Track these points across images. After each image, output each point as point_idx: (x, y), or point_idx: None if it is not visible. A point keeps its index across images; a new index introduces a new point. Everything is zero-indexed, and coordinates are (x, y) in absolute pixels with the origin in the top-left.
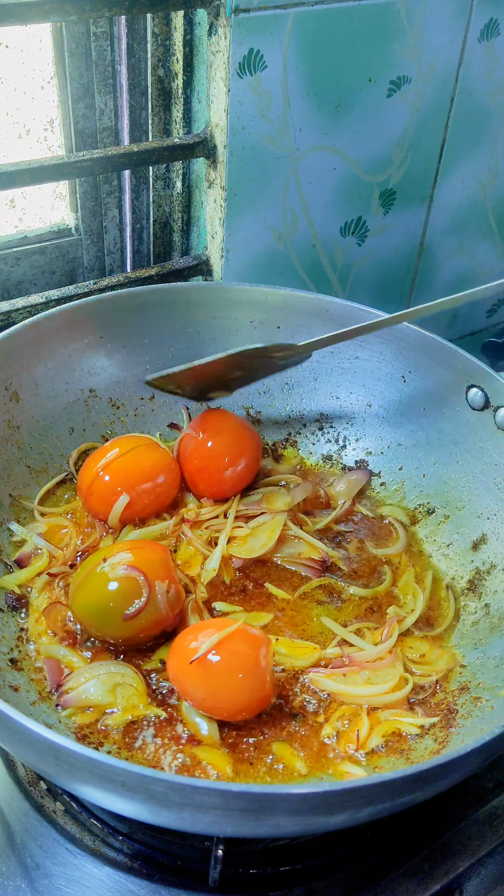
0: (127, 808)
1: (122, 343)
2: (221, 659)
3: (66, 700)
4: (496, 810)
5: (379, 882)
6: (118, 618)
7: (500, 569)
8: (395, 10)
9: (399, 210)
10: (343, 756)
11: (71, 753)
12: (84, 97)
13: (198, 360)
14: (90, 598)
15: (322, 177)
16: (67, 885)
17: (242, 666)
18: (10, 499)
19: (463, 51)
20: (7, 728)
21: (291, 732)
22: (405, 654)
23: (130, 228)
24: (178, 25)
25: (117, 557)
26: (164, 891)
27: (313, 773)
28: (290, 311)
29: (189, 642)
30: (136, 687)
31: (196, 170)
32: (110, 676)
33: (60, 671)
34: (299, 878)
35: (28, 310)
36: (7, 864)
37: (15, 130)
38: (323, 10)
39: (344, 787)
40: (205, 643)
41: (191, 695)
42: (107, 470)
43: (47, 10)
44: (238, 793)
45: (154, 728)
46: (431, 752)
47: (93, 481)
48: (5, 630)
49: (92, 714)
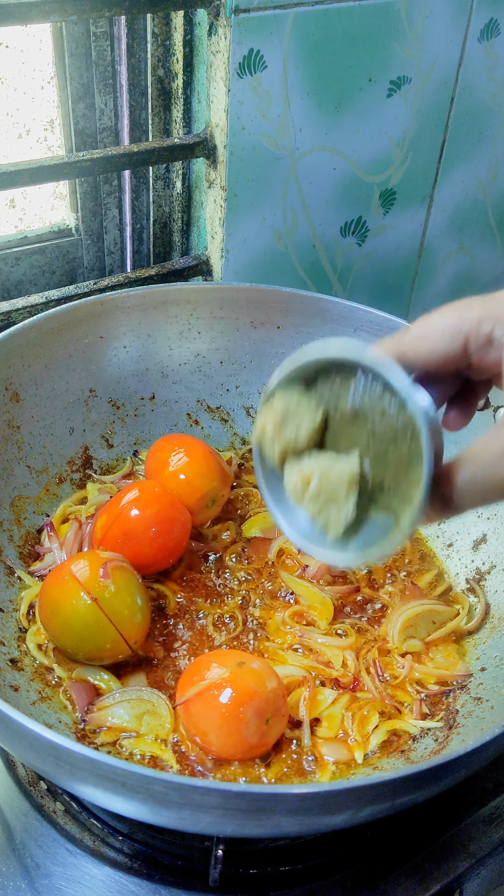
0: (127, 808)
1: (122, 343)
2: (203, 706)
3: (91, 718)
4: (496, 810)
5: (379, 882)
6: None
7: (500, 569)
8: (395, 10)
9: (399, 210)
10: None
11: (71, 753)
12: (84, 97)
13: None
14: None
15: (322, 177)
16: (67, 885)
17: (222, 716)
18: (10, 499)
19: (463, 51)
20: (7, 728)
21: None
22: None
23: (130, 228)
24: (178, 25)
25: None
26: (164, 891)
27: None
28: (290, 311)
29: (193, 675)
30: (163, 717)
31: (196, 170)
32: (141, 703)
33: (89, 694)
34: (299, 878)
35: (28, 310)
36: (7, 864)
37: (15, 130)
38: (323, 10)
39: (344, 787)
40: (191, 689)
41: (186, 729)
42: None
43: (47, 10)
44: (238, 793)
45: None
46: (431, 752)
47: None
48: (5, 630)
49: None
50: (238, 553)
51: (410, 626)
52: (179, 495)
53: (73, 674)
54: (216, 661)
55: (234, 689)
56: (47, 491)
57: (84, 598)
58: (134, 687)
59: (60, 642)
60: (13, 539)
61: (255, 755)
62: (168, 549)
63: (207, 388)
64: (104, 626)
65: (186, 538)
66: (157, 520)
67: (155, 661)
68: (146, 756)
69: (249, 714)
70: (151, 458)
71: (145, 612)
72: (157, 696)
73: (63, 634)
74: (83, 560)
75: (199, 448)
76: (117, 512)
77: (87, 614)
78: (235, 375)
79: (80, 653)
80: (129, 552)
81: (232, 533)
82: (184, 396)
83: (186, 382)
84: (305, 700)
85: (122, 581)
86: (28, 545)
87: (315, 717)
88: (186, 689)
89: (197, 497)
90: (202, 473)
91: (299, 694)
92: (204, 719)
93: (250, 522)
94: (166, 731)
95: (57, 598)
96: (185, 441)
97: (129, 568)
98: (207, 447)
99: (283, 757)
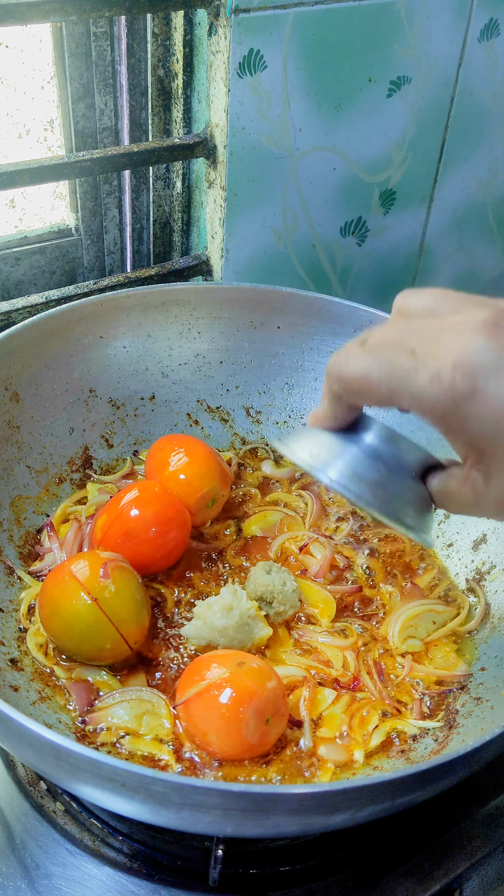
0: (127, 808)
1: (122, 343)
2: (203, 706)
3: (91, 718)
4: (496, 810)
5: (379, 882)
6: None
7: (499, 569)
8: (395, 10)
9: (399, 210)
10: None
11: (71, 753)
12: (84, 97)
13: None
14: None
15: (322, 177)
16: (67, 885)
17: (222, 716)
18: (10, 499)
19: (463, 51)
20: (7, 728)
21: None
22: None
23: (130, 228)
24: (178, 25)
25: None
26: (164, 891)
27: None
28: (290, 311)
29: (193, 676)
30: (163, 716)
31: (196, 170)
32: (140, 703)
33: (89, 694)
34: (299, 878)
35: (28, 310)
36: (7, 864)
37: (15, 130)
38: (323, 10)
39: (344, 787)
40: (191, 689)
41: (186, 729)
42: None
43: (47, 10)
44: (238, 793)
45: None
46: (431, 752)
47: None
48: (5, 630)
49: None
50: (238, 552)
51: (410, 626)
52: (179, 495)
53: (73, 674)
54: (216, 661)
55: (234, 689)
56: (47, 491)
57: (84, 598)
58: (134, 687)
59: (60, 642)
60: (13, 539)
61: (254, 755)
62: (168, 549)
63: (207, 388)
64: (104, 626)
65: (186, 538)
66: (157, 520)
67: (155, 662)
68: (146, 756)
69: (249, 714)
70: (151, 458)
71: (145, 612)
72: (157, 696)
73: (63, 634)
74: (83, 560)
75: (199, 448)
76: (117, 512)
77: (87, 614)
78: (235, 375)
79: (80, 653)
80: (129, 552)
81: (232, 532)
82: (184, 396)
83: (186, 382)
84: (306, 700)
85: (122, 581)
86: (28, 545)
87: (315, 717)
88: (186, 688)
89: (197, 497)
90: (202, 473)
91: (299, 694)
92: (204, 719)
93: (250, 521)
94: (166, 731)
95: (57, 598)
96: (185, 441)
97: (129, 568)
98: (207, 447)
99: (283, 757)
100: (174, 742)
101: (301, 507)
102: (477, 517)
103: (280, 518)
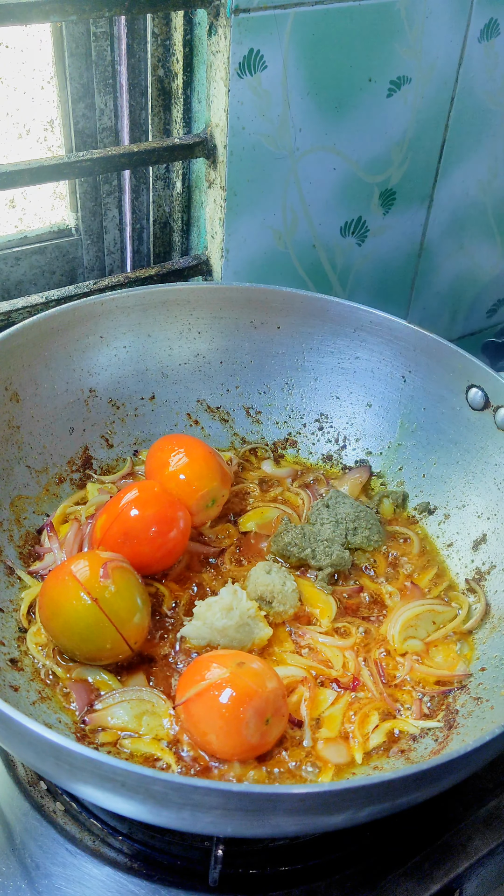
0: (127, 808)
1: (122, 343)
2: (203, 706)
3: (91, 718)
4: (496, 810)
5: (379, 882)
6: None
7: (500, 569)
8: (395, 10)
9: (399, 210)
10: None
11: (71, 753)
12: (84, 97)
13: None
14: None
15: (322, 177)
16: (67, 885)
17: (222, 716)
18: (10, 499)
19: (463, 51)
20: (7, 728)
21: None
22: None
23: (130, 228)
24: (178, 25)
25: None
26: (164, 891)
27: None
28: (290, 311)
29: (193, 676)
30: (163, 716)
31: (196, 170)
32: (141, 703)
33: (89, 694)
34: (299, 878)
35: (28, 310)
36: (7, 864)
37: (15, 130)
38: (323, 10)
39: (344, 787)
40: (191, 690)
41: (186, 729)
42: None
43: (47, 10)
44: (238, 793)
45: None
46: (431, 752)
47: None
48: (5, 630)
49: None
50: (238, 553)
51: (410, 626)
52: (179, 495)
53: (73, 674)
54: (216, 661)
55: (234, 689)
56: (47, 491)
57: (84, 599)
58: (134, 687)
59: (60, 642)
60: (13, 539)
61: (255, 755)
62: (168, 549)
63: (207, 388)
64: (104, 626)
65: (186, 538)
66: (157, 520)
67: (155, 662)
68: (146, 756)
69: (249, 714)
70: (151, 458)
71: (145, 612)
72: (157, 696)
73: (63, 634)
74: (83, 560)
75: (199, 448)
76: (117, 512)
77: (87, 614)
78: (235, 375)
79: (80, 653)
80: (129, 552)
81: (232, 533)
82: (184, 396)
83: (186, 382)
84: (306, 700)
85: (122, 581)
86: (28, 545)
87: (315, 717)
88: (186, 689)
89: (197, 497)
90: (202, 473)
91: (300, 694)
92: (204, 719)
93: (247, 517)
94: (166, 732)
95: (57, 599)
96: (185, 441)
97: (129, 568)
98: (207, 447)
99: (284, 757)
100: (174, 742)
101: (298, 505)
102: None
103: (277, 515)
